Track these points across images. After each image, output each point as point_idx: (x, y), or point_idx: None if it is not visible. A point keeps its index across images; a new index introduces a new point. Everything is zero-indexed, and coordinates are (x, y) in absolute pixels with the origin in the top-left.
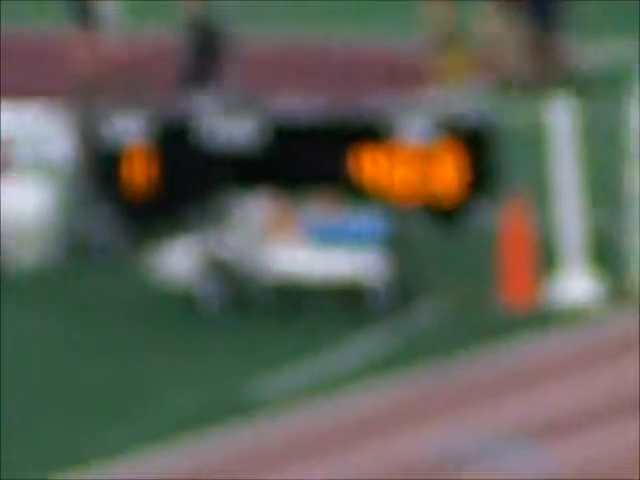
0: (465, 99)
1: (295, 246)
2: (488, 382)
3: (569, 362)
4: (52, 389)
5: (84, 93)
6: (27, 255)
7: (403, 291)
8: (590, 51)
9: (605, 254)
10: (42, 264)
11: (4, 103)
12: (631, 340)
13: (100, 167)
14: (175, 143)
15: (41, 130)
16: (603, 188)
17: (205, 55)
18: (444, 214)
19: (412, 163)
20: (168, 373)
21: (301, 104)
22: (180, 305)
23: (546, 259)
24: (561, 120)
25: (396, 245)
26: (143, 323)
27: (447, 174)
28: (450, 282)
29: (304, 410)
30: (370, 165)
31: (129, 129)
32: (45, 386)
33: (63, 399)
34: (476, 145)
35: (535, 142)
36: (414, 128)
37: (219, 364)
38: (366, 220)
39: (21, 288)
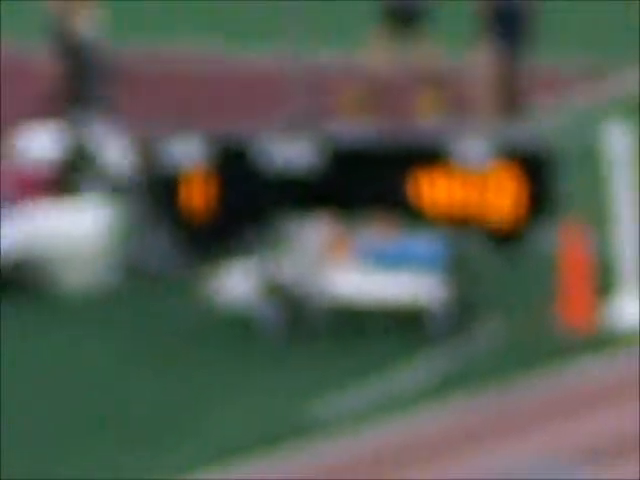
0: (523, 122)
1: (353, 269)
2: (546, 405)
3: (627, 385)
4: (107, 411)
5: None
6: (84, 278)
7: (461, 314)
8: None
9: None
10: (99, 287)
11: (61, 124)
12: None
13: (158, 190)
14: (233, 166)
15: (99, 152)
16: None
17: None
18: (502, 237)
19: (470, 186)
20: (227, 395)
21: (358, 127)
22: (238, 328)
23: (604, 282)
24: (619, 143)
25: (454, 268)
26: (201, 346)
27: (505, 197)
28: (508, 305)
29: (362, 432)
30: (428, 188)
31: (187, 152)
32: (100, 409)
33: (118, 421)
34: (534, 168)
35: (593, 165)
36: (472, 151)
37: (277, 386)
38: (424, 243)
39: (78, 311)
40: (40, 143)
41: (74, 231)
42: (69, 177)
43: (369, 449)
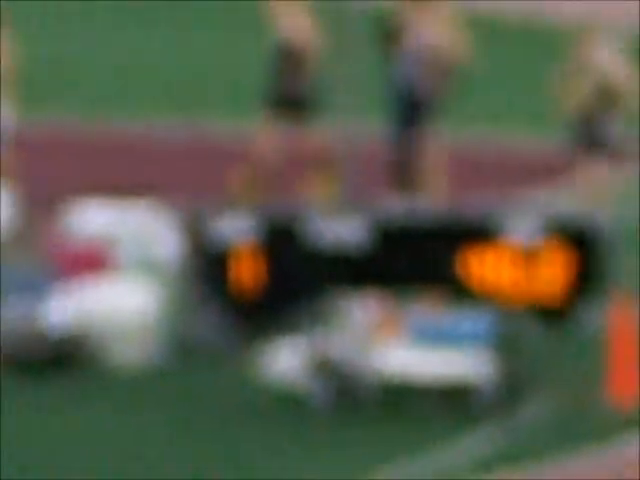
0: (571, 199)
1: (401, 346)
2: None
3: None
4: None
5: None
6: (134, 355)
7: (510, 391)
8: None
9: None
10: (147, 364)
11: (109, 201)
12: None
13: (208, 266)
14: (283, 242)
15: (147, 229)
16: None
17: None
18: (551, 314)
19: (519, 263)
20: (274, 473)
21: (408, 204)
22: (287, 405)
23: None
24: None
25: (503, 345)
26: (250, 423)
27: (554, 274)
28: (556, 382)
29: None
30: (477, 265)
31: (237, 228)
32: None
33: None
34: (582, 245)
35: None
36: (521, 228)
37: (326, 464)
38: (472, 320)
39: (126, 387)
40: (93, 219)
41: (124, 307)
42: (118, 254)
43: None
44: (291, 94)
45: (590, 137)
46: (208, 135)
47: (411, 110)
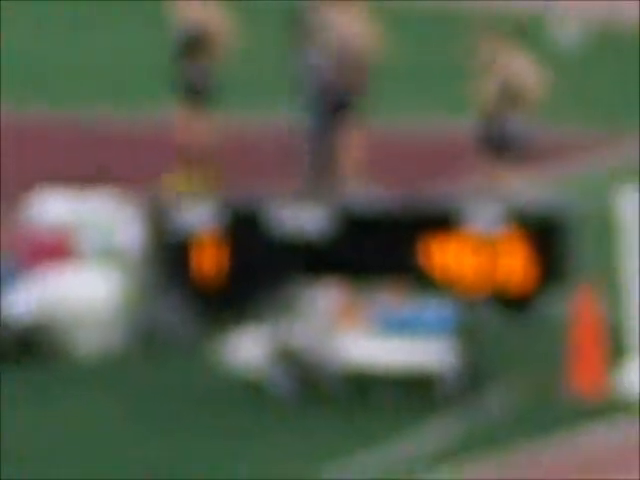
0: (535, 189)
1: (364, 335)
2: (555, 471)
3: (637, 452)
4: (114, 474)
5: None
6: (96, 342)
7: (472, 380)
8: None
9: None
10: (108, 352)
11: (71, 190)
12: None
13: (170, 254)
14: (245, 230)
15: (109, 217)
16: None
17: None
18: (513, 303)
19: (481, 252)
20: (237, 460)
21: (370, 192)
22: (249, 393)
23: (615, 349)
24: (629, 208)
25: (465, 334)
26: (212, 410)
27: (516, 263)
28: (519, 371)
29: None
30: (439, 254)
31: (199, 216)
32: (107, 471)
33: None
34: (545, 233)
35: (604, 231)
36: (483, 217)
37: (288, 451)
38: (435, 309)
39: (89, 375)
40: (55, 208)
41: (86, 296)
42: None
43: None
44: (194, 82)
45: (494, 135)
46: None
47: (324, 103)
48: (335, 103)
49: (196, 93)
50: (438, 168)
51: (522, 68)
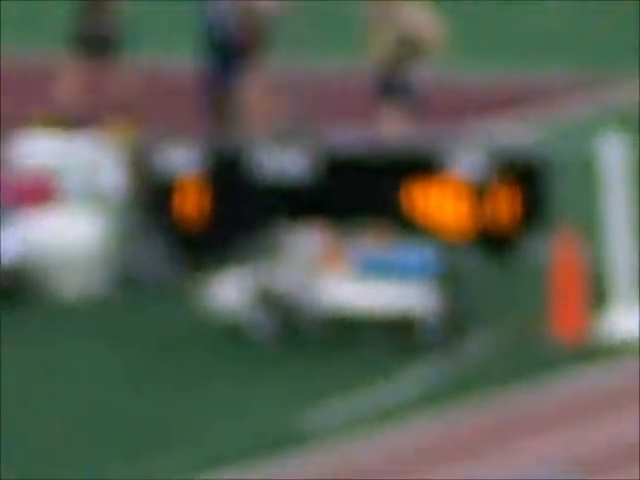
0: (518, 133)
1: (346, 278)
2: (537, 414)
3: (618, 395)
4: (99, 419)
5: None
6: (77, 285)
7: (453, 324)
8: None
9: None
10: (92, 294)
11: (54, 132)
12: None
13: (152, 198)
14: (227, 174)
15: (93, 160)
16: None
17: None
18: (495, 247)
19: (464, 197)
20: (218, 403)
21: (353, 136)
22: (230, 336)
23: (597, 293)
24: (613, 154)
25: (447, 278)
26: (194, 354)
27: (499, 208)
28: (501, 315)
29: (353, 441)
30: (421, 198)
31: (182, 160)
32: (91, 415)
33: (110, 429)
34: (528, 179)
35: (587, 176)
36: (466, 162)
37: (269, 395)
38: (417, 253)
39: (71, 318)
40: (38, 150)
41: (69, 238)
42: (63, 184)
43: (360, 458)
44: (95, 32)
45: (391, 86)
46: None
47: (226, 51)
48: (237, 52)
49: (103, 45)
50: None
51: (417, 18)
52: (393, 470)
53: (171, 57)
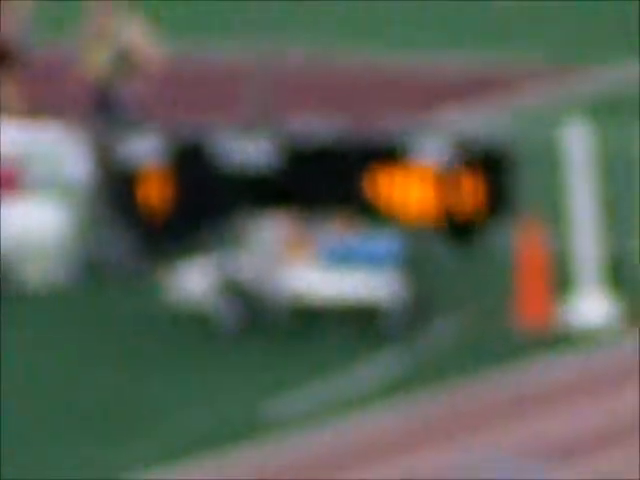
0: (482, 121)
1: (310, 267)
2: (501, 403)
3: (583, 384)
4: (64, 406)
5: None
6: (41, 274)
7: (418, 312)
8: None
9: (620, 276)
10: (56, 283)
11: (19, 121)
12: None
13: (116, 187)
14: (191, 163)
15: (57, 149)
16: (618, 210)
17: None
18: (460, 235)
19: (428, 184)
20: (182, 392)
21: (317, 125)
22: (195, 325)
23: (561, 281)
24: (577, 143)
25: (411, 266)
26: (157, 343)
27: (463, 195)
28: (465, 303)
29: (317, 431)
30: (386, 186)
31: (145, 149)
32: (57, 403)
33: (75, 416)
34: (492, 167)
35: (551, 164)
36: (430, 150)
37: (233, 384)
38: (381, 241)
39: (35, 308)
40: (2, 139)
41: (33, 227)
42: (27, 173)
43: (325, 447)
44: None
45: (105, 103)
46: None
47: None
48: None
49: None
50: None
51: (136, 36)
52: (355, 460)
53: None
